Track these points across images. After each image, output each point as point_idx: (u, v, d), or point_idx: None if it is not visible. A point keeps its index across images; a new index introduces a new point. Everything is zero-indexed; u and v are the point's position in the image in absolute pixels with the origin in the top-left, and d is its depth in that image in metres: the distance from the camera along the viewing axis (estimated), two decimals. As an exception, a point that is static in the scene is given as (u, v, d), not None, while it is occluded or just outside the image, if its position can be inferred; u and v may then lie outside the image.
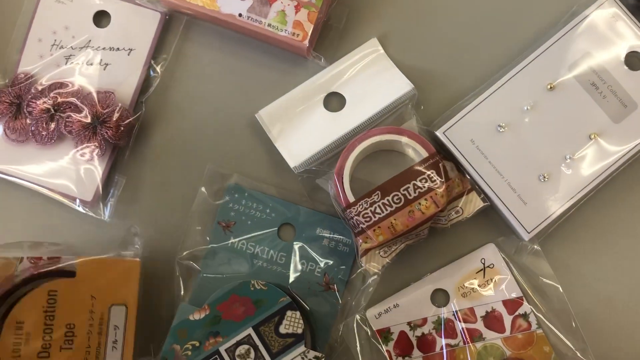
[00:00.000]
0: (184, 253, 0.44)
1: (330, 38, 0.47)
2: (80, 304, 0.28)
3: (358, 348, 0.42)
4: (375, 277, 0.43)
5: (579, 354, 0.42)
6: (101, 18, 0.47)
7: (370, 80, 0.45)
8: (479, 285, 0.43)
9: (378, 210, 0.40)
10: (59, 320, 0.27)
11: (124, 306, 0.30)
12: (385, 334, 0.43)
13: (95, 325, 0.28)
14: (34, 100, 0.45)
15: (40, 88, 0.45)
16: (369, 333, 0.43)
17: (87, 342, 0.28)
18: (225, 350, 0.40)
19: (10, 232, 0.46)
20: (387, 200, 0.40)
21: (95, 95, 0.45)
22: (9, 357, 0.25)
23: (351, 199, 0.41)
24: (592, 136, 0.43)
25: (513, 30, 0.47)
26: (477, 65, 0.47)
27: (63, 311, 0.27)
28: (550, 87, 0.44)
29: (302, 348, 0.40)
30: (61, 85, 0.45)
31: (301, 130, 0.45)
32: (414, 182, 0.40)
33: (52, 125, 0.45)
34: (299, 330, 0.41)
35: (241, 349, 0.40)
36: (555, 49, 0.44)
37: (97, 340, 0.29)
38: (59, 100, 0.45)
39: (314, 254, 0.44)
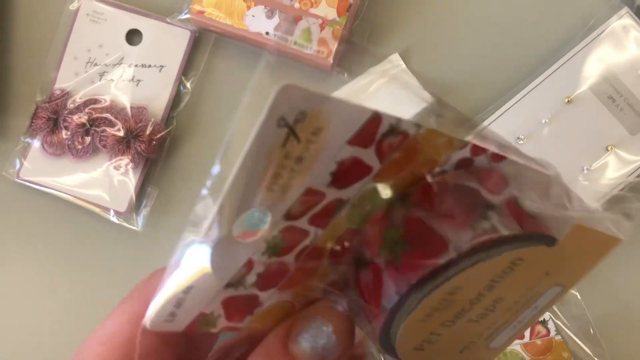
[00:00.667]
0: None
1: (353, 54, 0.48)
2: (529, 280, 0.22)
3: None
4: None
5: (597, 360, 0.43)
6: (133, 36, 0.49)
7: (392, 94, 0.47)
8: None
9: None
10: (494, 293, 0.21)
11: (560, 287, 0.23)
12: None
13: (521, 303, 0.22)
14: (70, 116, 0.47)
15: (76, 104, 0.47)
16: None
17: (494, 320, 0.22)
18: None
19: (45, 241, 0.48)
20: None
21: (128, 110, 0.47)
22: (422, 316, 0.20)
23: None
24: (609, 148, 0.44)
25: (532, 43, 0.48)
26: (496, 78, 0.48)
27: (506, 284, 0.21)
28: (568, 100, 0.45)
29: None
30: (96, 101, 0.47)
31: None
32: None
33: (88, 140, 0.47)
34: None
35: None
36: (573, 62, 0.45)
37: (505, 318, 0.23)
38: (94, 115, 0.47)
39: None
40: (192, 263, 0.18)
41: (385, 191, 0.20)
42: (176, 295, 0.19)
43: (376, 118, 0.17)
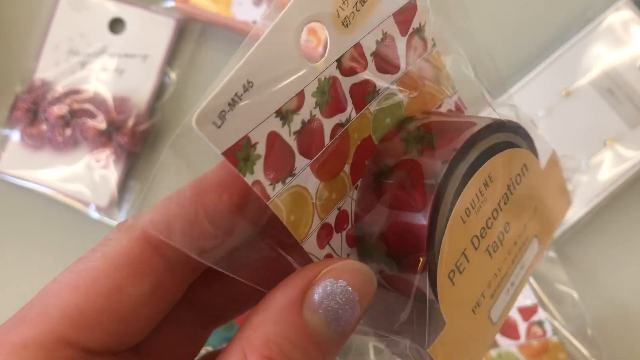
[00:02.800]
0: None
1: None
2: (526, 207, 0.21)
3: (371, 354, 0.42)
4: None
5: (594, 362, 0.42)
6: (116, 25, 0.47)
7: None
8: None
9: None
10: (506, 212, 0.20)
11: (539, 244, 0.22)
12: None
13: (517, 247, 0.21)
14: (50, 107, 0.45)
15: (56, 94, 0.46)
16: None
17: (499, 263, 0.21)
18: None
19: (25, 236, 0.47)
20: None
21: (110, 101, 0.45)
22: (463, 211, 0.19)
23: None
24: (608, 142, 0.43)
25: (528, 35, 0.47)
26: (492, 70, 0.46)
27: (513, 204, 0.20)
28: (566, 93, 0.43)
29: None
30: (77, 91, 0.46)
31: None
32: None
33: (68, 131, 0.45)
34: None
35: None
36: (570, 54, 0.44)
37: (505, 270, 0.21)
38: (75, 106, 0.45)
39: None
40: (266, 45, 0.16)
41: (400, 105, 0.20)
42: (236, 84, 0.16)
43: (414, 6, 0.19)
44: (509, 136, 0.20)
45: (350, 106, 0.18)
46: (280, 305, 0.17)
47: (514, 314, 0.42)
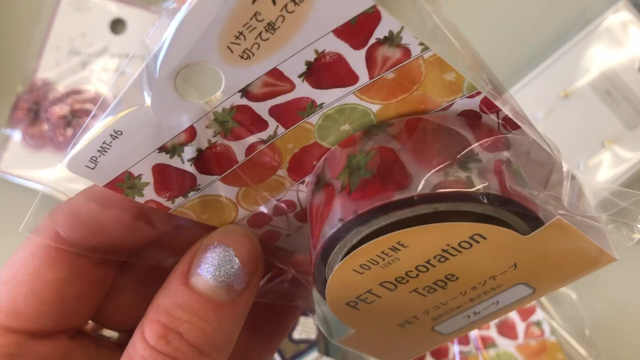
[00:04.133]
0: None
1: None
2: (491, 265, 0.19)
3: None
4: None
5: (592, 362, 0.42)
6: (117, 25, 0.47)
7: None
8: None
9: None
10: (446, 267, 0.19)
11: (530, 289, 0.21)
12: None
13: (479, 290, 0.20)
14: (51, 107, 0.45)
15: (57, 94, 0.46)
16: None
17: (444, 299, 0.20)
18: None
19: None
20: None
21: (111, 101, 0.46)
22: (357, 265, 0.19)
23: None
24: (606, 143, 0.43)
25: (526, 36, 0.47)
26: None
27: (463, 261, 0.19)
28: (564, 94, 0.44)
29: (315, 354, 0.40)
30: (78, 91, 0.46)
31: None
32: None
33: (69, 131, 0.45)
34: (313, 336, 0.41)
35: (255, 355, 0.40)
36: (569, 55, 0.44)
37: (458, 303, 0.21)
38: (76, 106, 0.45)
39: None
40: (127, 102, 0.16)
41: (367, 113, 0.18)
42: (101, 137, 0.17)
43: (375, 15, 0.15)
44: (450, 207, 0.18)
45: (274, 124, 0.18)
46: (172, 277, 0.20)
47: (512, 314, 0.43)
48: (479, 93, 0.17)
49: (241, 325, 0.20)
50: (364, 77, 0.17)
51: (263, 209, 0.21)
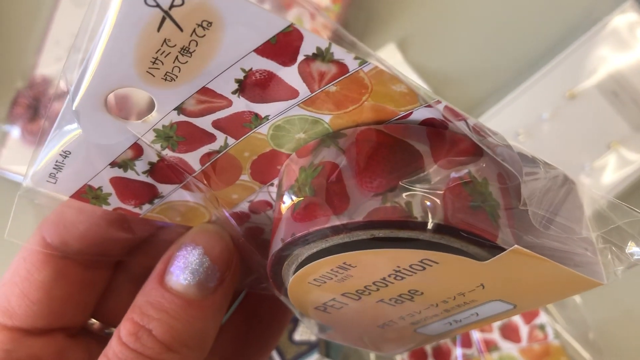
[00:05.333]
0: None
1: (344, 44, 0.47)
2: (455, 285, 0.19)
3: (372, 357, 0.42)
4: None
5: (596, 366, 0.42)
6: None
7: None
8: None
9: None
10: (406, 284, 0.18)
11: (510, 305, 0.20)
12: (399, 342, 0.42)
13: (451, 304, 0.20)
14: (51, 103, 0.45)
15: (57, 90, 0.45)
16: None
17: (415, 309, 0.20)
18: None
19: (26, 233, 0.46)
20: None
21: (111, 98, 0.45)
22: (311, 278, 0.19)
23: None
24: (612, 145, 0.43)
25: (533, 36, 0.46)
26: (496, 71, 0.46)
27: (422, 281, 0.18)
28: (570, 95, 0.43)
29: (316, 356, 0.40)
30: (78, 88, 0.46)
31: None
32: None
33: (69, 128, 0.45)
34: (314, 338, 0.40)
35: (255, 356, 0.39)
36: (575, 56, 0.44)
37: (433, 312, 0.20)
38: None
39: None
40: (69, 127, 0.17)
41: (319, 122, 0.18)
42: (54, 156, 0.18)
43: (294, 33, 0.15)
44: (378, 238, 0.17)
45: (222, 136, 0.18)
46: (150, 277, 0.20)
47: (516, 317, 0.42)
48: (439, 102, 0.17)
49: (218, 322, 0.21)
50: (304, 91, 0.17)
51: (237, 209, 0.21)
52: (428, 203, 0.16)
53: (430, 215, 0.16)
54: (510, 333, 0.42)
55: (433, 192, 0.17)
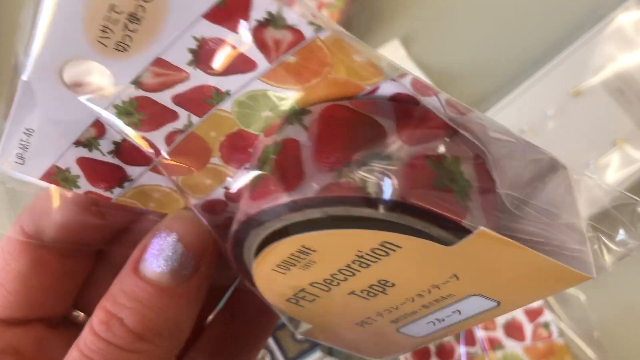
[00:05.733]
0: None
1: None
2: (426, 275, 0.17)
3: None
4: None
5: (601, 365, 0.41)
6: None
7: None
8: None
9: None
10: (373, 273, 0.17)
11: (493, 302, 0.18)
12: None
13: (427, 298, 0.18)
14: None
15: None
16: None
17: (391, 304, 0.19)
18: (241, 354, 0.40)
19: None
20: None
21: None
22: (274, 264, 0.18)
23: None
24: (617, 142, 0.42)
25: (537, 33, 0.46)
26: (500, 68, 0.46)
27: (389, 268, 0.17)
28: (574, 92, 0.43)
29: (318, 354, 0.40)
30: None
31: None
32: None
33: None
34: (316, 336, 0.40)
35: (257, 354, 0.39)
36: (579, 53, 0.43)
37: (411, 308, 0.19)
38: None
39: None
40: (30, 103, 0.17)
41: (284, 98, 0.17)
42: (18, 135, 0.18)
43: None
44: (332, 215, 0.16)
45: (184, 113, 0.18)
46: (125, 265, 0.20)
47: (520, 316, 0.42)
48: (404, 75, 0.15)
49: (193, 312, 0.20)
50: (262, 62, 0.16)
51: (213, 196, 0.21)
52: (385, 178, 0.15)
53: (384, 192, 0.15)
54: (514, 331, 0.42)
55: (392, 167, 0.15)
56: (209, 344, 0.24)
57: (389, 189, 0.15)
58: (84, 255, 0.23)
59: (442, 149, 0.16)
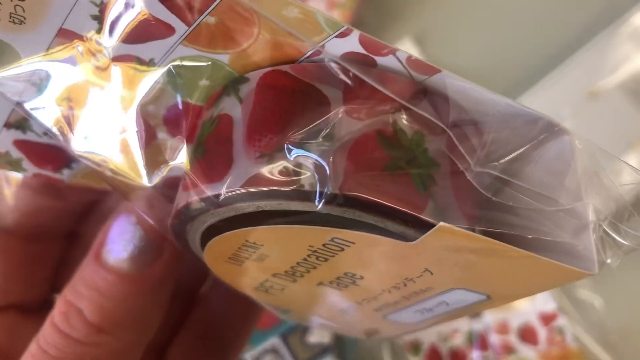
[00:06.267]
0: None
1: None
2: (397, 269, 0.16)
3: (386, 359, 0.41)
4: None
5: (616, 371, 0.41)
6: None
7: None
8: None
9: None
10: (336, 266, 0.16)
11: (481, 295, 0.17)
12: (415, 346, 0.41)
13: (404, 290, 0.17)
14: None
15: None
16: (399, 345, 0.42)
17: (367, 295, 0.18)
18: (251, 358, 0.39)
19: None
20: None
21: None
22: (226, 256, 0.17)
23: None
24: (632, 144, 0.42)
25: (552, 32, 0.46)
26: (514, 68, 0.45)
27: (351, 262, 0.15)
28: (590, 93, 0.42)
29: (329, 358, 0.39)
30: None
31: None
32: None
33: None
34: (327, 340, 0.39)
35: (267, 358, 0.39)
36: (595, 53, 0.43)
37: (392, 298, 0.18)
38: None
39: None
40: None
41: (218, 64, 0.15)
42: None
43: None
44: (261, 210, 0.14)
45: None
46: (87, 254, 0.19)
47: (533, 320, 0.41)
48: (348, 31, 0.13)
49: (159, 300, 0.19)
50: (179, 25, 0.14)
51: (172, 174, 0.19)
52: (324, 165, 0.13)
53: (319, 183, 0.13)
54: (527, 335, 0.41)
55: (332, 150, 0.13)
56: (190, 339, 0.23)
57: (325, 178, 0.13)
58: (51, 238, 0.22)
59: (399, 122, 0.13)
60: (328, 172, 0.13)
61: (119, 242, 0.18)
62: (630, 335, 0.42)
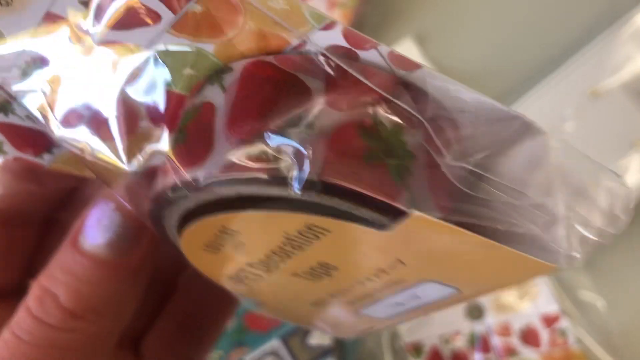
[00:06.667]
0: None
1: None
2: (369, 259, 0.16)
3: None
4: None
5: (620, 373, 0.41)
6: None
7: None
8: (515, 298, 0.42)
9: None
10: (310, 256, 0.16)
11: (451, 288, 0.17)
12: (416, 348, 0.41)
13: (376, 282, 0.17)
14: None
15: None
16: (400, 346, 0.41)
17: (341, 287, 0.18)
18: (251, 361, 0.39)
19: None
20: None
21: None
22: (202, 244, 0.17)
23: None
24: (635, 144, 0.41)
25: (554, 32, 0.45)
26: (516, 68, 0.45)
27: (325, 252, 0.16)
28: (592, 94, 0.42)
29: (330, 360, 0.39)
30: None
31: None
32: None
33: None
34: (328, 342, 0.39)
35: (267, 360, 0.38)
36: (597, 53, 0.43)
37: (364, 291, 0.18)
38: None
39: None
40: None
41: (203, 53, 0.15)
42: None
43: None
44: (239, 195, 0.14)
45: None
46: (65, 240, 0.18)
47: (535, 321, 0.41)
48: (334, 24, 0.13)
49: (136, 287, 0.19)
50: (165, 11, 0.14)
51: (153, 162, 0.19)
52: (303, 152, 0.13)
53: (298, 169, 0.13)
54: (529, 337, 0.41)
55: (310, 139, 0.13)
56: (167, 327, 0.23)
57: (303, 164, 0.13)
58: (28, 224, 0.21)
59: (380, 114, 0.14)
60: (307, 159, 0.13)
61: (97, 227, 0.18)
62: (633, 337, 0.42)
